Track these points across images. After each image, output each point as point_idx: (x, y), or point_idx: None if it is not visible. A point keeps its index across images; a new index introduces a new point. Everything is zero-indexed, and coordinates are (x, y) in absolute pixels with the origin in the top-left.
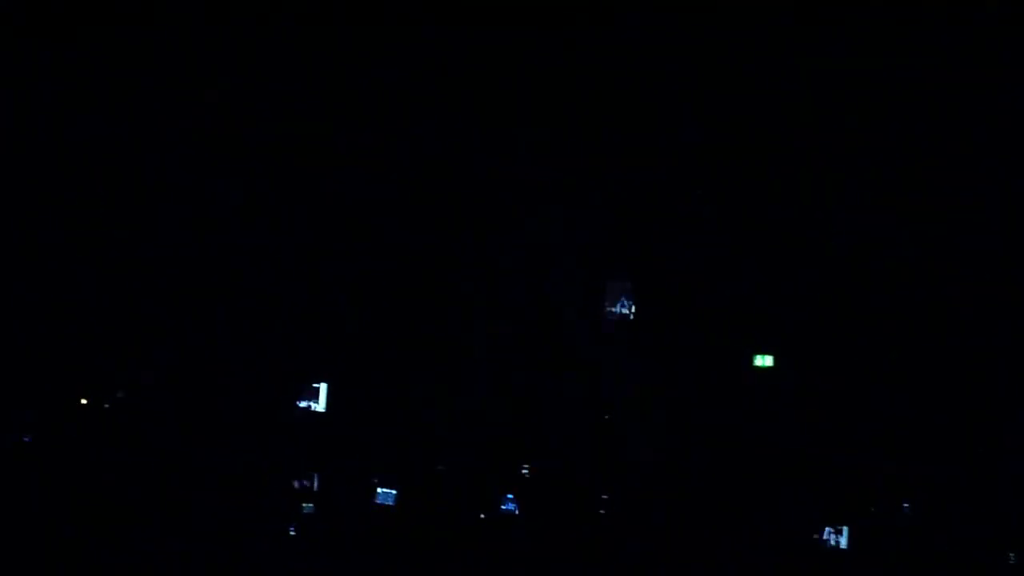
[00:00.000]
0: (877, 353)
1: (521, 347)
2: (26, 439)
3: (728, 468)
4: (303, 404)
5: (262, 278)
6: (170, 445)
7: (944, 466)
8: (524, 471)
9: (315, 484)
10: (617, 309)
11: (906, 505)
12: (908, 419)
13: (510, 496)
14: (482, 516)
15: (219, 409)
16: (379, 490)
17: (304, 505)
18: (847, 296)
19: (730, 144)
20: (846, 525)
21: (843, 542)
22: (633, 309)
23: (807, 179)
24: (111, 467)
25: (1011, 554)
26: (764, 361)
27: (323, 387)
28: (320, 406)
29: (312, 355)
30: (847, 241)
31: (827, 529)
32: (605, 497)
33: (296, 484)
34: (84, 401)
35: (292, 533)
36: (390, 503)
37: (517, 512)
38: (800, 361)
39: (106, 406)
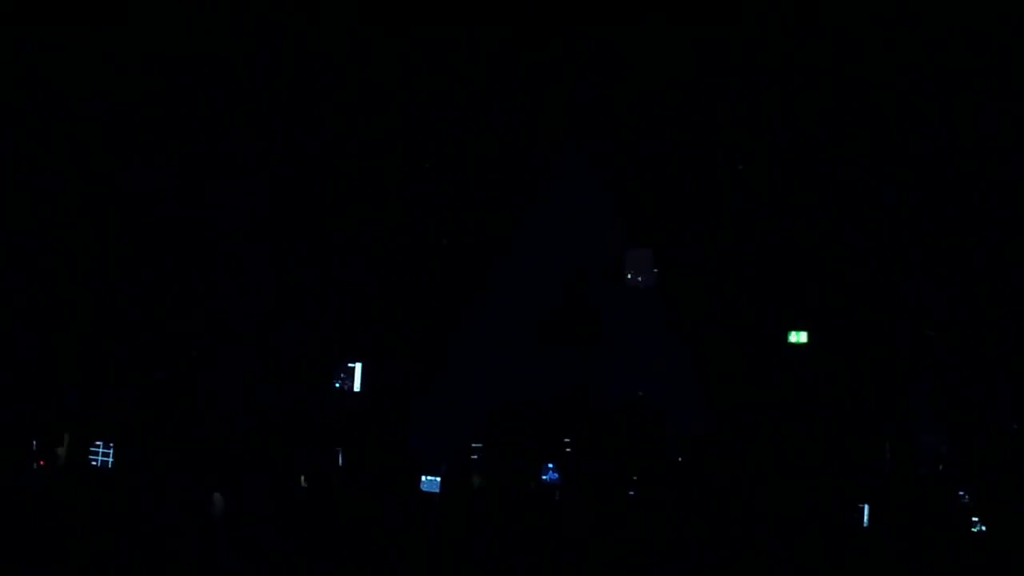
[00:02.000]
0: (911, 334)
1: (547, 322)
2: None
3: (761, 445)
4: (338, 384)
5: (293, 264)
6: (206, 427)
7: (980, 440)
8: (564, 442)
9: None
10: (639, 279)
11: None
12: (945, 399)
13: (551, 465)
14: (530, 485)
15: (255, 390)
16: (424, 478)
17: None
18: (881, 273)
19: (763, 117)
20: (867, 502)
21: (864, 519)
22: (655, 278)
23: (846, 152)
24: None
25: None
26: (799, 338)
27: (358, 367)
28: (356, 385)
29: (346, 336)
30: (881, 218)
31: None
32: (637, 472)
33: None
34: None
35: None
36: (435, 490)
37: (559, 481)
38: (835, 339)
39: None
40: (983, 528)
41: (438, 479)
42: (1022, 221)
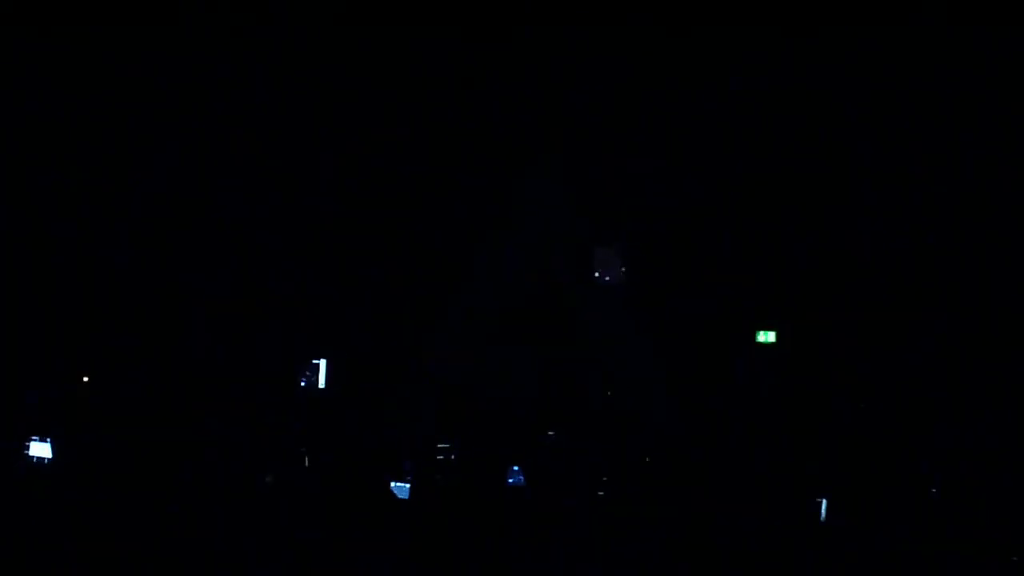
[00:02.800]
0: (882, 331)
1: (515, 320)
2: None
3: (728, 443)
4: (303, 382)
5: (260, 258)
6: (169, 426)
7: (949, 441)
8: (529, 443)
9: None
10: (606, 276)
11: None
12: (914, 397)
13: (516, 468)
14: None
15: (219, 391)
16: (393, 484)
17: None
18: (851, 272)
19: (731, 113)
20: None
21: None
22: (622, 275)
23: (813, 150)
24: (113, 451)
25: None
26: (767, 337)
27: (323, 364)
28: (320, 383)
29: (312, 332)
30: (852, 215)
31: None
32: (605, 472)
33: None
34: (85, 379)
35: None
36: (404, 496)
37: (524, 483)
38: (804, 338)
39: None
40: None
41: (407, 486)
42: (997, 220)
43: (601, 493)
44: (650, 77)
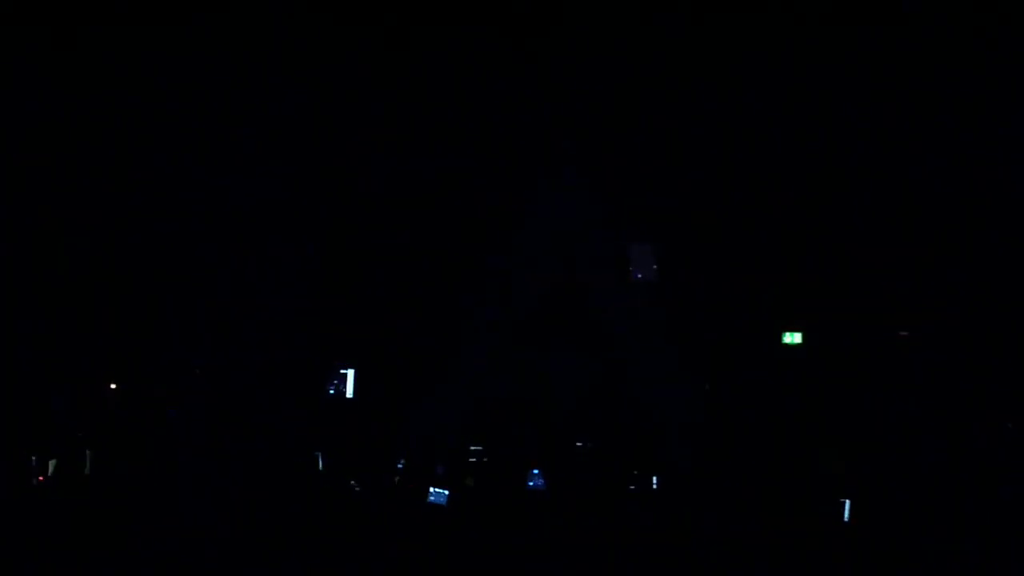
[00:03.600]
0: (907, 332)
1: (544, 319)
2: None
3: (752, 446)
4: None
5: (284, 267)
6: (196, 435)
7: (975, 443)
8: (550, 446)
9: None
10: (641, 274)
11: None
12: (938, 402)
13: (536, 472)
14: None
15: (247, 398)
16: (432, 490)
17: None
18: (876, 273)
19: (762, 116)
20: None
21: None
22: (656, 273)
23: (843, 152)
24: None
25: None
26: (792, 338)
27: (351, 373)
28: (349, 391)
29: (339, 340)
30: (876, 215)
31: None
32: (633, 471)
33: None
34: (113, 386)
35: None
36: (442, 503)
37: (545, 487)
38: (830, 339)
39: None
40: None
41: (446, 492)
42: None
43: (626, 497)
44: (686, 74)
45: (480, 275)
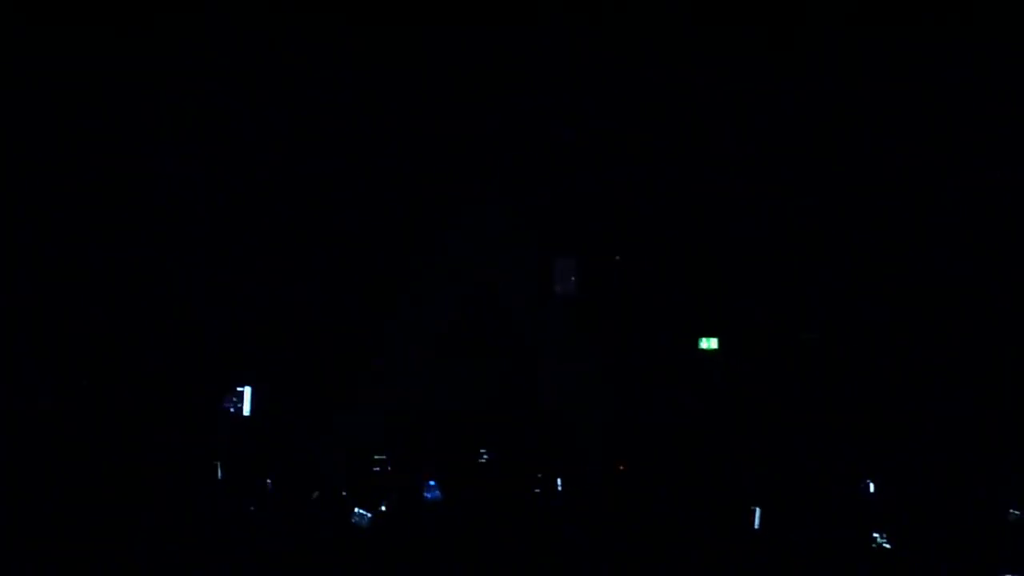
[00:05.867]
0: (829, 337)
1: (465, 330)
2: None
3: (675, 449)
4: (229, 407)
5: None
6: (96, 451)
7: (883, 443)
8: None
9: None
10: (564, 288)
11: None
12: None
13: (432, 483)
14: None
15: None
16: (356, 510)
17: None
18: (796, 278)
19: (684, 122)
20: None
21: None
22: (576, 287)
23: (760, 158)
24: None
25: None
26: (709, 344)
27: (247, 390)
28: (246, 409)
29: (237, 357)
30: (797, 221)
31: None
32: (542, 479)
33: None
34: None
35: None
36: (365, 524)
37: (440, 498)
38: (747, 344)
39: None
40: (885, 543)
41: (369, 514)
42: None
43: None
44: (605, 91)
45: (395, 286)
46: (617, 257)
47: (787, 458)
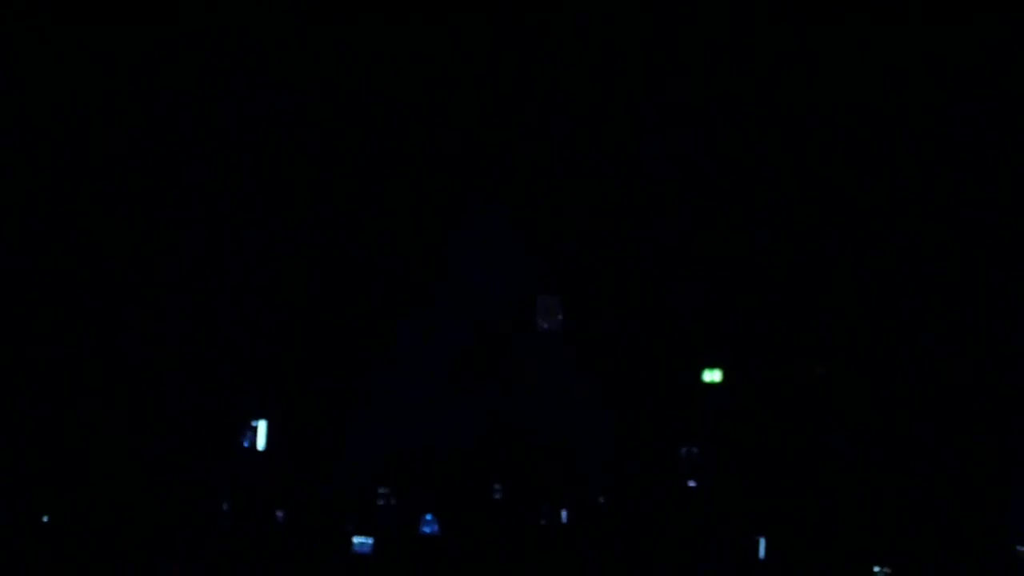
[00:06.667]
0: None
1: (465, 366)
2: None
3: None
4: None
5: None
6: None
7: (893, 477)
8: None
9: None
10: (548, 324)
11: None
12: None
13: (429, 517)
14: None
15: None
16: (355, 539)
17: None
18: (803, 305)
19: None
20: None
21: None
22: (561, 322)
23: (755, 183)
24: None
25: None
26: (712, 376)
27: (262, 424)
28: (260, 444)
29: (249, 392)
30: (799, 246)
31: None
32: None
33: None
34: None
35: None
36: (367, 552)
37: (438, 532)
38: (752, 376)
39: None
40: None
41: (370, 540)
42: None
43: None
44: (587, 124)
45: (392, 325)
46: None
47: (796, 497)
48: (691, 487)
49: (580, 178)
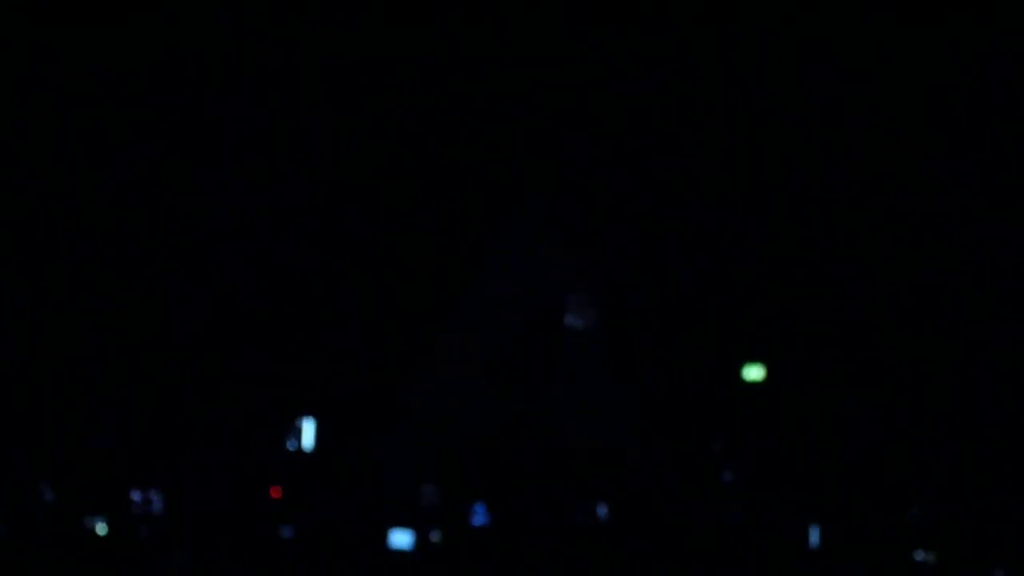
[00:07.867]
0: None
1: (492, 369)
2: None
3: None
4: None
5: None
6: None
7: (942, 474)
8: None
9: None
10: (578, 323)
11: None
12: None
13: (480, 508)
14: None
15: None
16: (393, 532)
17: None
18: (842, 302)
19: (712, 146)
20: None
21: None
22: (596, 322)
23: (796, 179)
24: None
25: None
26: (754, 373)
27: (310, 424)
28: (307, 444)
29: (293, 392)
30: (841, 244)
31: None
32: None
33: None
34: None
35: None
36: (405, 547)
37: (489, 523)
38: (795, 374)
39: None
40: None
41: (410, 533)
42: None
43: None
44: (621, 126)
45: (434, 322)
46: None
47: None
48: (728, 483)
49: (615, 173)
